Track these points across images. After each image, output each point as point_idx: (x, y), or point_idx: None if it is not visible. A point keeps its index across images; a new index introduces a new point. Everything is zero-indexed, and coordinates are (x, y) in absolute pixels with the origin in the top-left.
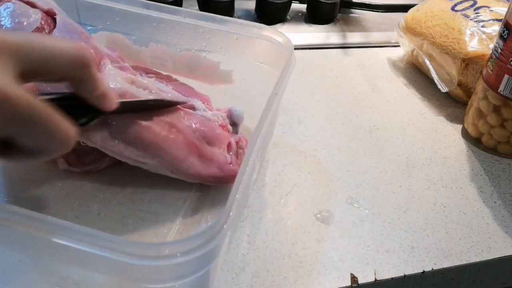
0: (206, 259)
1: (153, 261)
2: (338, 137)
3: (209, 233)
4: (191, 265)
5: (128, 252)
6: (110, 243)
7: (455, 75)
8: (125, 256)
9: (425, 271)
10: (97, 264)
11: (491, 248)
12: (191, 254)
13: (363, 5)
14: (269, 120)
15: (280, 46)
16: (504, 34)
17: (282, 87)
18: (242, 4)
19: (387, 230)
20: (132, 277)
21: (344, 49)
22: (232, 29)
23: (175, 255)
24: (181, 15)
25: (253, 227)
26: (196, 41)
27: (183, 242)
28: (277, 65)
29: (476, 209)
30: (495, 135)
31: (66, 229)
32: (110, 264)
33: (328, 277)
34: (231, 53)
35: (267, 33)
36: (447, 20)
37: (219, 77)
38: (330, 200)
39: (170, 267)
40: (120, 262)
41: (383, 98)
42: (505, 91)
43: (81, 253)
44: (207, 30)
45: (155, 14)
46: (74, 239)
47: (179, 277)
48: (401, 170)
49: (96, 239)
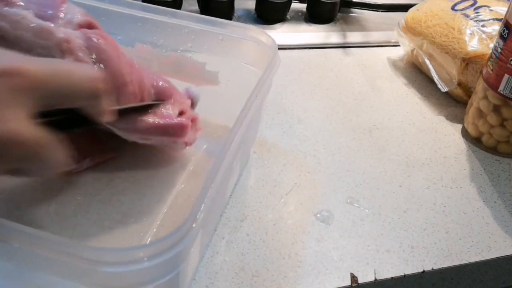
0: (174, 262)
1: (116, 267)
2: (338, 137)
3: (176, 236)
4: (158, 270)
5: (88, 257)
6: (70, 248)
7: (455, 74)
8: (85, 262)
9: (425, 271)
10: (59, 269)
11: (491, 248)
12: (156, 258)
13: (363, 4)
14: (248, 121)
15: (265, 47)
16: (504, 34)
17: (264, 87)
18: (242, 4)
19: (387, 230)
20: (97, 283)
21: (344, 49)
22: (217, 30)
23: (142, 260)
24: (166, 15)
25: (253, 226)
26: (182, 41)
27: (149, 246)
28: (262, 65)
29: (476, 208)
30: (495, 135)
31: (25, 234)
32: (73, 270)
33: (328, 276)
34: (217, 54)
35: (252, 33)
36: (447, 19)
37: (205, 78)
38: (330, 200)
39: (136, 272)
40: (82, 268)
41: (383, 98)
42: (505, 91)
43: (45, 259)
44: (191, 30)
45: (140, 14)
46: (35, 244)
47: (145, 282)
48: (401, 169)
49: (56, 244)
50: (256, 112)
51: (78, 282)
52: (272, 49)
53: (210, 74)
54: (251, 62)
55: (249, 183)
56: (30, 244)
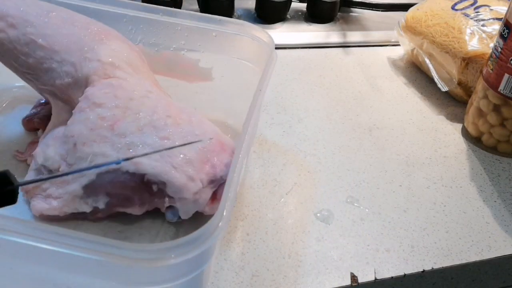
0: (200, 260)
1: (147, 263)
2: (338, 136)
3: (204, 234)
4: (186, 266)
5: (121, 255)
6: (103, 247)
7: (455, 74)
8: (119, 259)
9: (425, 270)
10: (90, 268)
11: (491, 247)
12: (185, 255)
13: (363, 4)
14: (255, 117)
15: (260, 42)
16: (504, 33)
17: (265, 83)
18: (242, 3)
19: (387, 229)
20: (126, 280)
21: (344, 48)
22: (211, 26)
23: (169, 257)
24: (158, 14)
25: (253, 226)
26: (174, 39)
27: (178, 243)
28: (257, 61)
29: (476, 208)
30: (495, 134)
31: (56, 234)
32: (103, 268)
33: (328, 276)
34: (210, 51)
35: (246, 30)
36: (447, 19)
37: (199, 75)
38: (330, 199)
39: (165, 269)
40: (113, 265)
41: (383, 97)
42: (505, 90)
43: (73, 258)
44: (185, 28)
45: (132, 13)
46: (65, 244)
47: (173, 279)
48: (401, 169)
49: (89, 243)
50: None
51: (112, 280)
52: (269, 44)
53: (204, 70)
54: (245, 58)
55: (249, 182)
56: (66, 245)
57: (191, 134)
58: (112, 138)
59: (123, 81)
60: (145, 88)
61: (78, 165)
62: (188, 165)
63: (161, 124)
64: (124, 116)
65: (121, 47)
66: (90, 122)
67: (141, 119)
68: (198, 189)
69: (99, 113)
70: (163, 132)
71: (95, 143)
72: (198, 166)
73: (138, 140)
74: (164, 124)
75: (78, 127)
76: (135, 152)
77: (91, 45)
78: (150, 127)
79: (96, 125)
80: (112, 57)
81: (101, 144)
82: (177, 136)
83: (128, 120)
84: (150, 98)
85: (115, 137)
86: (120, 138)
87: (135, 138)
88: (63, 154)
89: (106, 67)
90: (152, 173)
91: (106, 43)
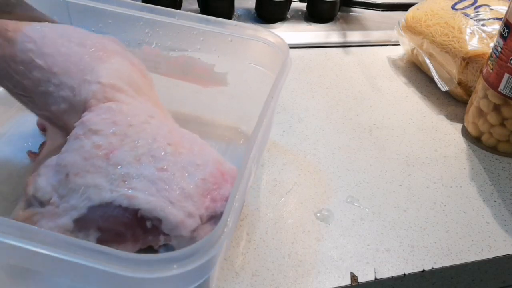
0: (204, 269)
1: (148, 274)
2: (338, 136)
3: (207, 244)
4: (190, 276)
5: (124, 265)
6: (105, 256)
7: (455, 74)
8: (121, 269)
9: (425, 270)
10: (93, 277)
11: (491, 247)
12: (189, 265)
13: (363, 3)
14: (265, 125)
15: (275, 48)
16: (504, 33)
17: (277, 90)
18: (242, 3)
19: (387, 229)
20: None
21: (344, 48)
22: (227, 31)
23: (171, 267)
24: (175, 17)
25: (253, 226)
26: (190, 43)
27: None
28: (272, 67)
29: (476, 208)
30: (495, 134)
31: (60, 241)
32: (106, 277)
33: (328, 276)
34: (226, 55)
35: (262, 35)
36: (447, 18)
37: (214, 80)
38: (330, 199)
39: (168, 279)
40: (116, 275)
41: (383, 97)
42: (505, 90)
43: (76, 267)
44: (201, 32)
45: (148, 16)
46: (68, 251)
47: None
48: (401, 169)
49: (91, 252)
50: (271, 114)
51: None
52: (284, 50)
53: (219, 75)
54: (260, 63)
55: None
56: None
57: (192, 164)
58: (107, 169)
59: (123, 105)
60: (146, 113)
61: (70, 197)
62: (186, 199)
63: (160, 153)
64: (122, 145)
65: (122, 64)
66: (85, 151)
67: (140, 147)
68: (197, 226)
69: (95, 141)
70: (161, 162)
71: (89, 174)
72: (198, 200)
73: (134, 171)
74: (163, 154)
75: (71, 156)
76: (130, 184)
77: (91, 65)
78: (148, 156)
79: (91, 154)
80: (113, 78)
81: (95, 175)
82: (176, 167)
83: (126, 148)
84: (151, 124)
85: (110, 168)
86: (115, 169)
87: (131, 169)
88: (54, 184)
89: (106, 89)
90: (147, 208)
91: (106, 61)
